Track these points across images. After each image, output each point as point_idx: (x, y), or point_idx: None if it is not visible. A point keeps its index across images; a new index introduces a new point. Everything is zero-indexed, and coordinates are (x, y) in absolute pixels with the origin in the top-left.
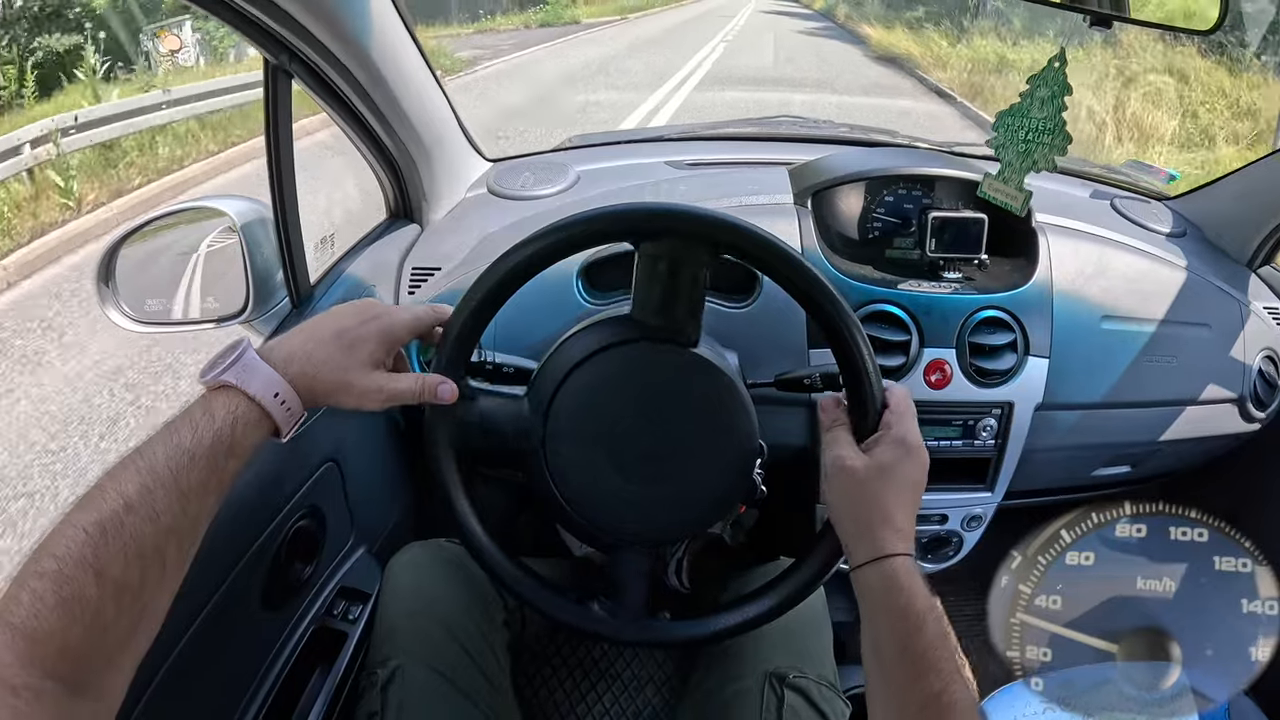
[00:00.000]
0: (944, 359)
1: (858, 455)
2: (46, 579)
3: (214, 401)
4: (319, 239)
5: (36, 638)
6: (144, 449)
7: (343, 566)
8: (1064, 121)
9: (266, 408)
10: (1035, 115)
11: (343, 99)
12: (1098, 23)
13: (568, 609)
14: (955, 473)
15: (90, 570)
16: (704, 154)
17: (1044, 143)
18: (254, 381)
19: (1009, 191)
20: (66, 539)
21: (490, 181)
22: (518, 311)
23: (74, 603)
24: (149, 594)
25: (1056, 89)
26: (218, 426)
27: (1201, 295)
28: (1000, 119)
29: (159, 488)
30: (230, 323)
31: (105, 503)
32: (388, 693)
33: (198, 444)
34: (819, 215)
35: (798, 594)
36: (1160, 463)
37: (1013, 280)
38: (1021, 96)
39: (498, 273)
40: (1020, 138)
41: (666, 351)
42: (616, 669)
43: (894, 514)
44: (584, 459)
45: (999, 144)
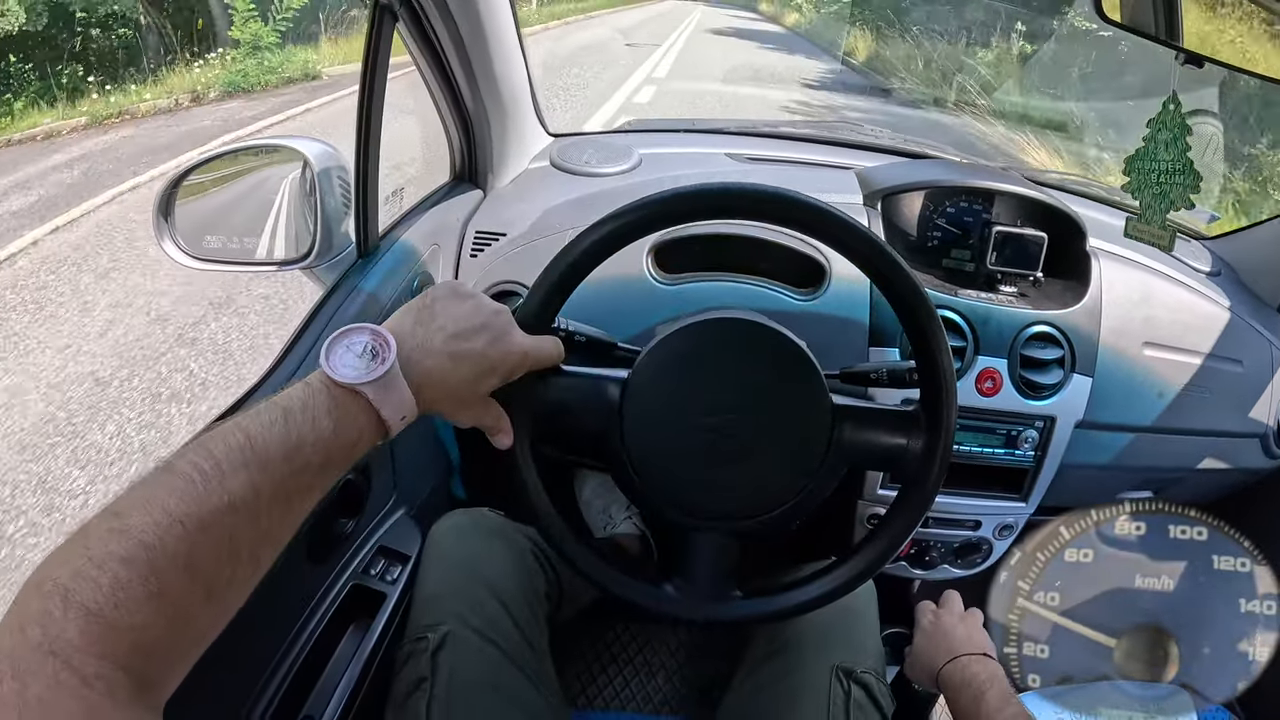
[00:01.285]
0: (996, 368)
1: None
2: (135, 568)
3: (342, 409)
4: (390, 191)
5: (118, 628)
6: (255, 438)
7: (383, 525)
8: (1191, 161)
9: (390, 428)
10: (1163, 158)
11: (437, 50)
12: (1190, 61)
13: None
14: (993, 481)
15: (184, 568)
16: (763, 150)
17: (1178, 183)
18: (389, 403)
19: (1154, 232)
20: (160, 528)
21: (553, 155)
22: (588, 289)
23: (162, 599)
24: (235, 594)
25: (1176, 131)
26: (342, 440)
27: (1237, 332)
28: (1130, 164)
29: (267, 488)
30: (292, 267)
31: (209, 496)
32: (438, 658)
33: (316, 452)
34: (885, 218)
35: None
36: (1182, 491)
37: (1065, 299)
38: (1145, 141)
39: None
40: (1154, 180)
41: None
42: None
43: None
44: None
45: (1134, 188)
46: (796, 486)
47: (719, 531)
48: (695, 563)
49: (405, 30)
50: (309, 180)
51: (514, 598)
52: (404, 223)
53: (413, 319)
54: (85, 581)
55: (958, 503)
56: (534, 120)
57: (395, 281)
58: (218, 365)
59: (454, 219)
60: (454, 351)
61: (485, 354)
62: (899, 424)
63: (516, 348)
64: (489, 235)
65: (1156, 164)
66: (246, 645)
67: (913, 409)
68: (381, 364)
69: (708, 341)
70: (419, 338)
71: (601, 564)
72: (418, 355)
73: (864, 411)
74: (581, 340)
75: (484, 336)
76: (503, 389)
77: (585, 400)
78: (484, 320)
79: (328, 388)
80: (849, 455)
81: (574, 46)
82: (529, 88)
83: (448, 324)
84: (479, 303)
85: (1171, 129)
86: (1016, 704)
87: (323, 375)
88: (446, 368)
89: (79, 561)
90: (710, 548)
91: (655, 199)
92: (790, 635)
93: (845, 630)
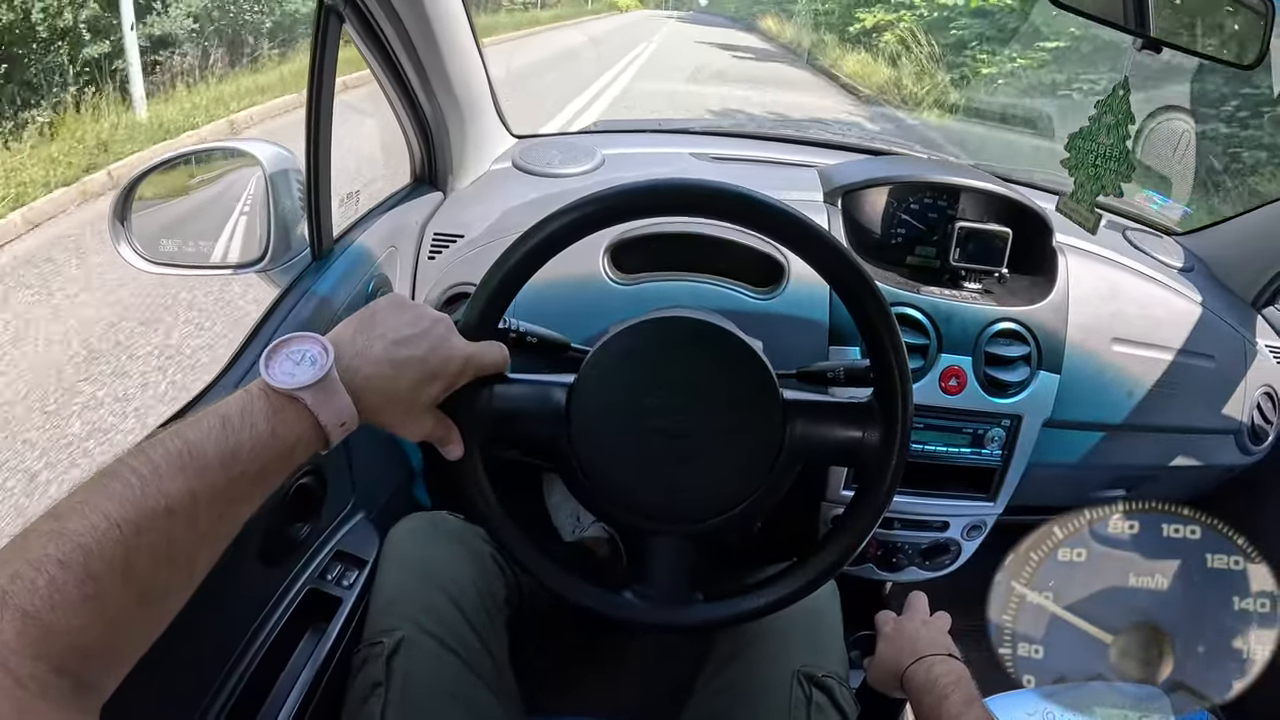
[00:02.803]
0: (960, 366)
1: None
2: (70, 570)
3: (279, 415)
4: (344, 194)
5: (53, 630)
6: (193, 444)
7: (340, 530)
8: (1128, 150)
9: (329, 435)
10: (1103, 141)
11: (388, 52)
12: (1147, 46)
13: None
14: (960, 481)
15: (120, 571)
16: (727, 149)
17: (1111, 169)
18: (327, 409)
19: (1081, 211)
20: (97, 531)
21: (515, 156)
22: (542, 289)
23: (97, 601)
24: (174, 598)
25: (1121, 117)
26: (279, 446)
27: (1208, 328)
28: (1072, 141)
29: (205, 493)
30: (247, 270)
31: (145, 500)
32: (393, 662)
33: (253, 458)
34: (846, 216)
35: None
36: (1155, 489)
37: (1031, 296)
38: (1090, 121)
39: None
40: (1090, 161)
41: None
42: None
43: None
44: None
45: (1072, 164)
46: (751, 486)
47: (674, 534)
48: (651, 566)
49: (354, 31)
50: (264, 183)
51: (472, 602)
52: (360, 225)
53: (353, 328)
54: (22, 583)
55: (924, 503)
56: (495, 122)
57: (350, 284)
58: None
59: (412, 221)
60: (394, 358)
61: (426, 360)
62: (853, 417)
63: (458, 354)
64: (447, 237)
65: (1095, 145)
66: (198, 650)
67: (867, 400)
68: (320, 370)
69: (654, 342)
70: (359, 345)
71: (557, 570)
72: (358, 362)
73: (816, 405)
74: (534, 341)
75: (424, 343)
76: (449, 399)
77: (532, 405)
78: (425, 328)
79: (266, 394)
80: (803, 451)
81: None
82: (489, 89)
83: (388, 331)
84: (420, 311)
85: (1117, 114)
86: (980, 707)
87: (262, 382)
88: (387, 374)
89: (17, 564)
90: (666, 551)
91: (587, 200)
92: (752, 637)
93: (807, 633)
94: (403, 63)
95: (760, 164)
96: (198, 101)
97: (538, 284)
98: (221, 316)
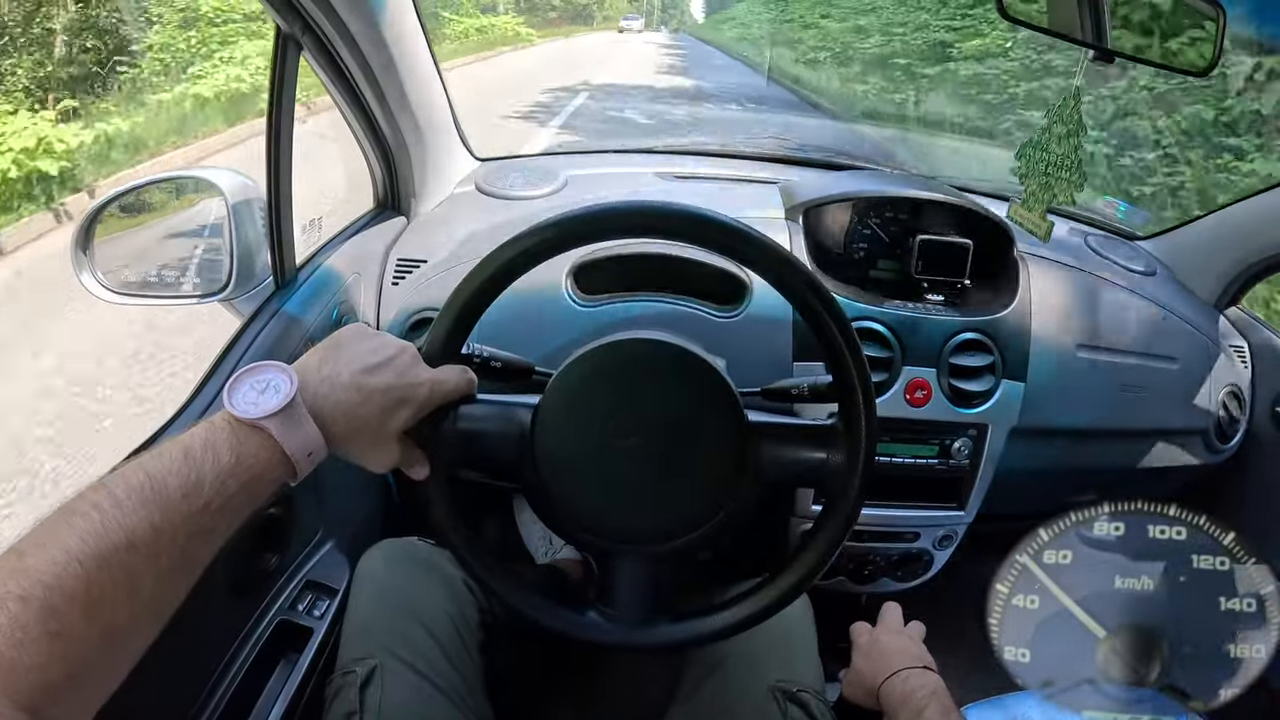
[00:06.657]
0: (924, 378)
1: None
2: (32, 606)
3: (244, 445)
4: (306, 221)
5: (17, 667)
6: (155, 476)
7: (310, 560)
8: (1080, 160)
9: (297, 465)
10: (1055, 150)
11: (348, 79)
12: (1100, 58)
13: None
14: (929, 492)
15: (80, 607)
16: (691, 168)
17: (1063, 178)
18: (294, 438)
19: (1033, 219)
20: (58, 566)
21: (479, 180)
22: (506, 313)
23: (60, 638)
24: (140, 634)
25: (1072, 127)
26: (244, 476)
27: (1172, 331)
28: (1022, 150)
29: (168, 527)
30: (210, 299)
31: (107, 535)
32: (366, 692)
33: (217, 491)
34: (808, 232)
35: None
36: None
37: (993, 305)
38: (1040, 131)
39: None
40: (1041, 170)
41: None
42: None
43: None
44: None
45: (1023, 173)
46: (715, 507)
47: (639, 555)
48: (617, 587)
49: (312, 59)
50: (226, 212)
51: (445, 628)
52: (324, 252)
53: (319, 357)
54: None
55: (894, 514)
56: (458, 145)
57: (314, 312)
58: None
59: (376, 247)
60: (361, 385)
61: (392, 386)
62: (817, 439)
63: (423, 380)
64: (410, 262)
65: (1046, 155)
66: (169, 686)
67: (830, 422)
68: (285, 399)
69: (617, 363)
70: (325, 373)
71: (522, 591)
72: (324, 390)
73: (780, 428)
74: (498, 366)
75: (390, 371)
76: (417, 427)
77: (496, 426)
78: (390, 355)
79: (230, 424)
80: (768, 473)
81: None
82: (450, 114)
83: (354, 360)
84: (384, 340)
85: (1067, 124)
86: (958, 717)
87: (226, 413)
88: (354, 400)
89: None
90: (630, 571)
91: (543, 225)
92: (726, 655)
93: (781, 649)
94: (362, 89)
95: (723, 181)
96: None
97: (501, 307)
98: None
